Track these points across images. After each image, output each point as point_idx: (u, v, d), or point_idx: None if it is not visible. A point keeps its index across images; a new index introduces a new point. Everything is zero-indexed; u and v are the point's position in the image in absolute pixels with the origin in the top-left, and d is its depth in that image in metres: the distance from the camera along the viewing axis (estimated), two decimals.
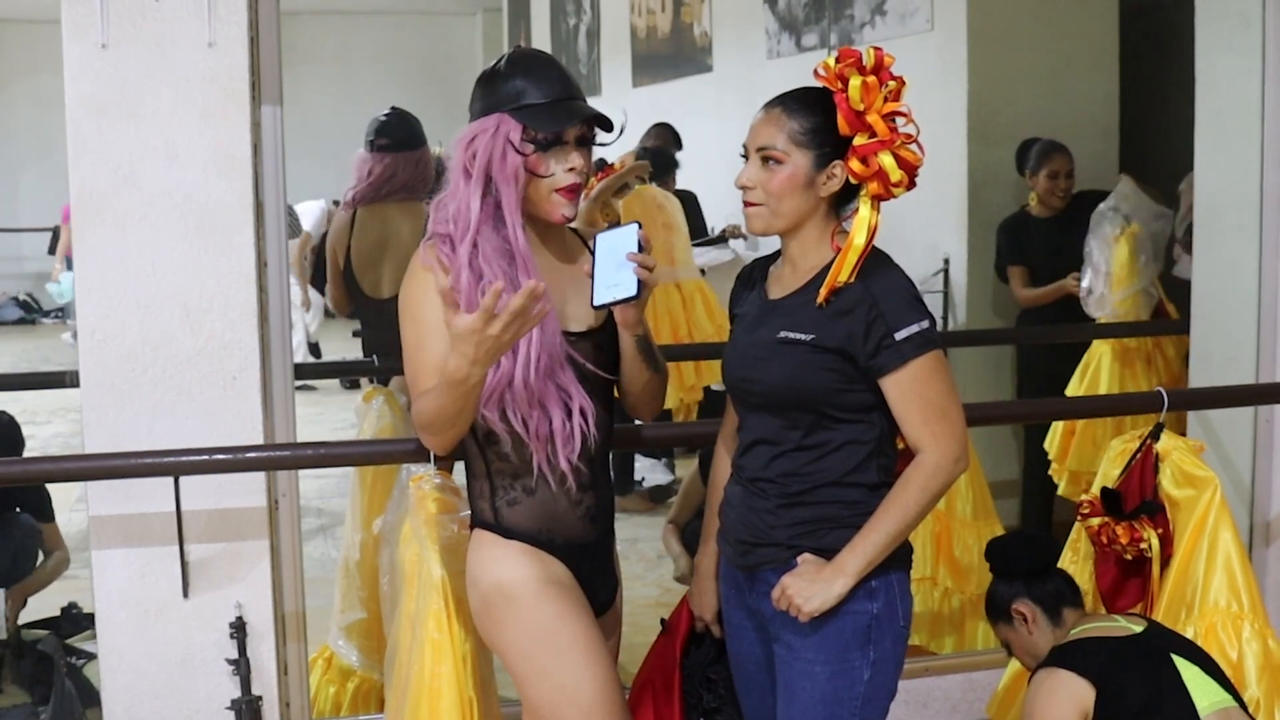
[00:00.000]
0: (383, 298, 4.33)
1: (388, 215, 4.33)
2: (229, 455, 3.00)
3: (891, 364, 2.41)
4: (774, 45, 7.36)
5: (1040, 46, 5.78)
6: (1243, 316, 4.00)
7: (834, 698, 2.49)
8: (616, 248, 2.43)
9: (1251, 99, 3.92)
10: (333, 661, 4.14)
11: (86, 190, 3.05)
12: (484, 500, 2.60)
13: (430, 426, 2.47)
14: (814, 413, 2.48)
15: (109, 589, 3.15)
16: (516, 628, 2.53)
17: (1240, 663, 3.22)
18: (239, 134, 3.10)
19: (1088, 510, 3.36)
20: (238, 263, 3.11)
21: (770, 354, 2.50)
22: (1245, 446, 4.01)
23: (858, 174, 2.43)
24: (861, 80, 2.41)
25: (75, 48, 3.02)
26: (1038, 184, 5.48)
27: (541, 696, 2.53)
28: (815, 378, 2.45)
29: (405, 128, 4.47)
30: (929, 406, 2.43)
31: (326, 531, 6.04)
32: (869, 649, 2.49)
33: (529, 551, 2.55)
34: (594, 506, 2.61)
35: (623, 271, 2.40)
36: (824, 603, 2.42)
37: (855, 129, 2.43)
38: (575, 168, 2.47)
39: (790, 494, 2.51)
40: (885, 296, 2.42)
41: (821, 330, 2.45)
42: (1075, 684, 2.85)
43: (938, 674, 3.93)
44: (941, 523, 4.45)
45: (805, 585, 2.43)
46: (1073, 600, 3.11)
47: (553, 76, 2.50)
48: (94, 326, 3.07)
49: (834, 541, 2.48)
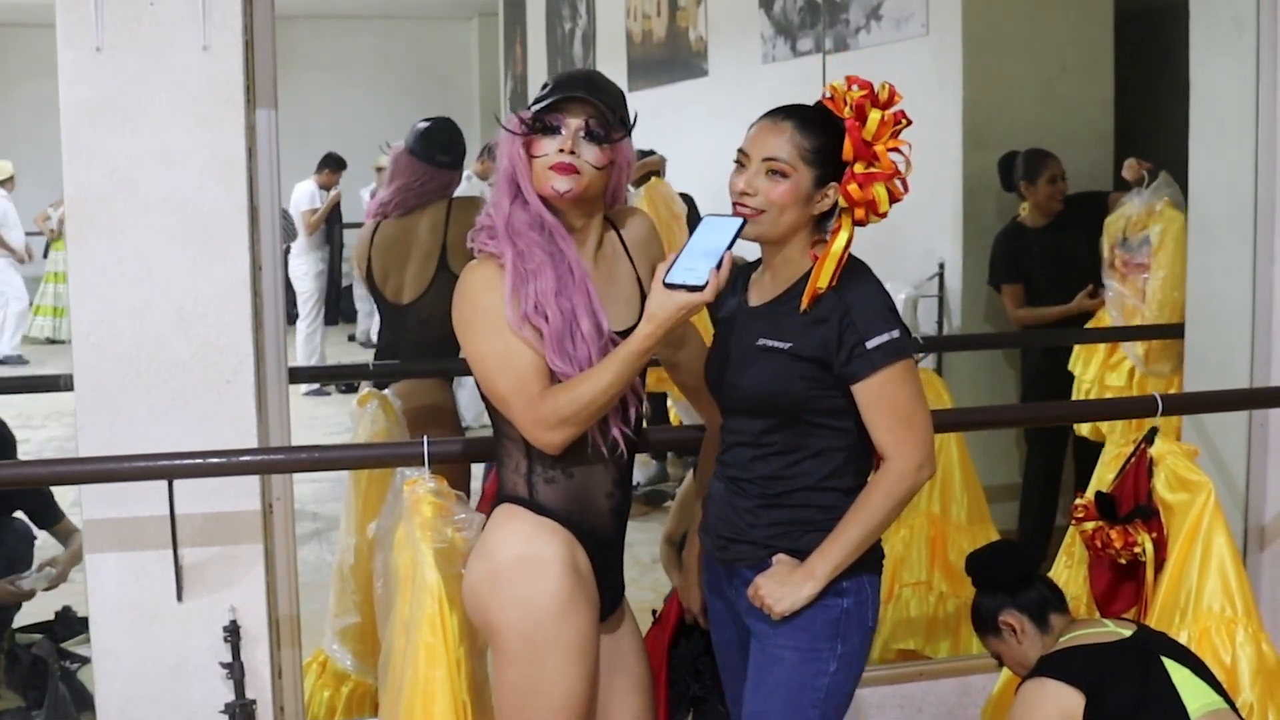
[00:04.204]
0: (403, 303, 4.32)
1: (410, 222, 4.30)
2: (223, 459, 3.00)
3: (862, 372, 2.51)
4: (769, 50, 7.36)
5: (1035, 51, 5.79)
6: (1237, 320, 4.00)
7: (798, 684, 2.58)
8: (712, 235, 2.43)
9: (1245, 103, 3.93)
10: (327, 666, 4.13)
11: (81, 194, 3.05)
12: (519, 475, 2.61)
13: (582, 414, 2.48)
14: (792, 418, 2.57)
15: (103, 593, 3.15)
16: (525, 606, 2.53)
17: (1234, 667, 3.21)
18: (234, 138, 3.10)
19: (1082, 514, 3.36)
20: (232, 267, 3.11)
21: (750, 360, 2.59)
22: (1239, 451, 4.01)
23: (851, 198, 2.53)
24: (881, 115, 2.52)
25: (70, 52, 3.01)
26: (1037, 192, 5.46)
27: (518, 682, 2.55)
28: (793, 385, 2.54)
29: (461, 144, 4.41)
30: (895, 414, 2.52)
31: (321, 535, 6.03)
32: (837, 642, 2.59)
33: (560, 531, 2.58)
34: (621, 503, 2.67)
35: (705, 260, 2.39)
36: (793, 604, 2.54)
37: (859, 157, 2.53)
38: (565, 148, 2.52)
39: (769, 495, 2.60)
40: (857, 306, 2.51)
41: (798, 339, 2.54)
42: (1063, 693, 2.84)
43: (932, 678, 3.93)
44: (936, 527, 4.46)
45: (776, 586, 2.55)
46: (1059, 606, 3.10)
47: (575, 76, 2.65)
48: (88, 330, 3.07)
49: (809, 544, 2.57)
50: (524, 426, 2.52)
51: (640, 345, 2.43)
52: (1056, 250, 5.42)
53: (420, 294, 4.26)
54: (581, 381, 2.47)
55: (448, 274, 4.19)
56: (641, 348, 2.44)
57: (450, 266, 4.19)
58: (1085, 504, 3.37)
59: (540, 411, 2.48)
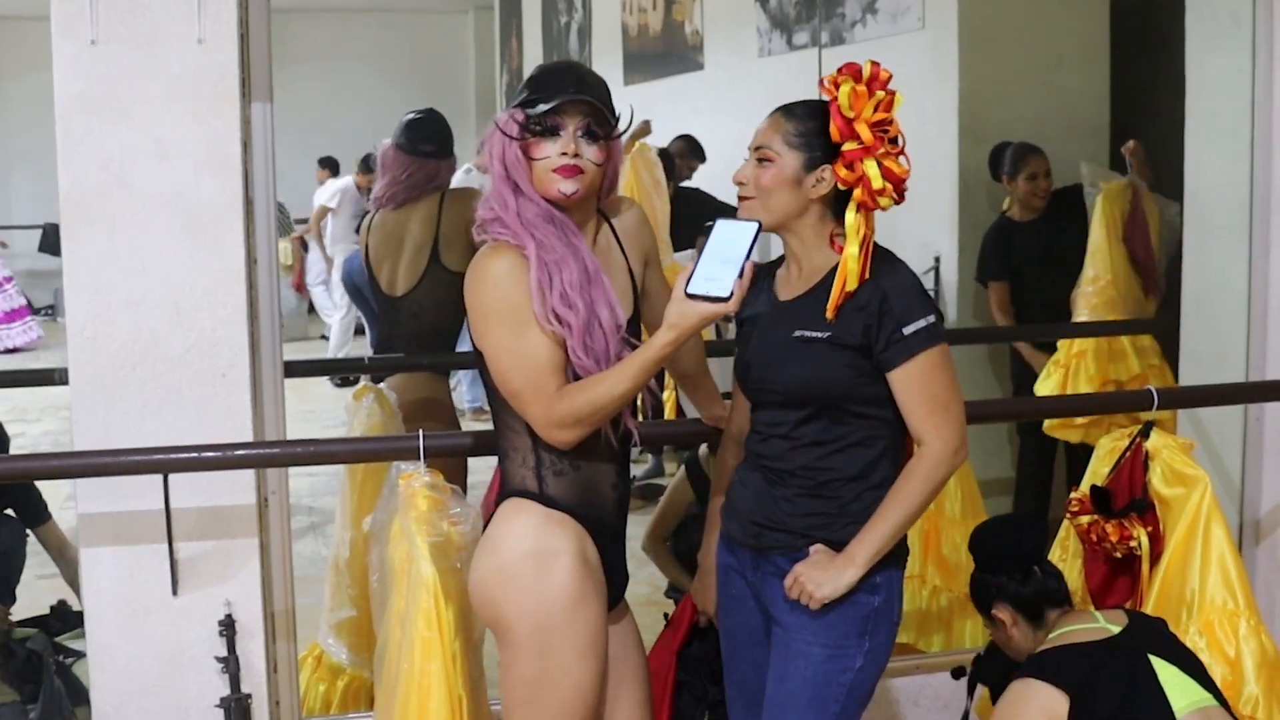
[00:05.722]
0: (397, 295, 4.31)
1: (404, 214, 4.30)
2: (218, 453, 3.00)
3: (899, 358, 2.52)
4: (765, 44, 7.35)
5: (1031, 45, 5.78)
6: (1232, 314, 4.00)
7: (824, 680, 2.60)
8: (729, 244, 2.41)
9: (1241, 98, 3.92)
10: (322, 659, 4.13)
11: (76, 188, 3.05)
12: (526, 469, 2.61)
13: (597, 415, 2.50)
14: (832, 408, 2.58)
15: (98, 587, 3.15)
16: (538, 599, 2.53)
17: (1238, 660, 3.22)
18: (229, 131, 3.09)
19: (1077, 508, 3.36)
20: (228, 260, 3.11)
21: (788, 354, 2.60)
22: (1235, 445, 4.01)
23: (844, 179, 2.54)
24: (851, 88, 2.52)
25: (65, 45, 3.01)
26: (1017, 188, 5.47)
27: (529, 675, 2.55)
28: (833, 373, 2.56)
29: (449, 134, 4.40)
30: (933, 400, 2.54)
31: (317, 529, 6.02)
32: (865, 639, 2.61)
33: (570, 524, 2.58)
34: (624, 494, 2.69)
35: (726, 268, 2.38)
36: (834, 590, 2.55)
37: (844, 136, 2.53)
38: (567, 151, 2.52)
39: (809, 486, 2.61)
40: (895, 292, 2.53)
41: (837, 327, 2.55)
42: (1047, 695, 2.83)
43: (928, 672, 3.93)
44: (930, 521, 4.46)
45: (818, 574, 2.56)
46: (1056, 598, 3.07)
47: (561, 70, 2.62)
48: (84, 324, 3.07)
49: (846, 535, 2.59)
50: (538, 424, 2.51)
51: (659, 354, 2.44)
52: (1044, 245, 5.42)
53: (412, 287, 4.26)
54: (598, 384, 2.47)
55: (439, 268, 4.19)
56: (660, 355, 2.44)
57: (442, 260, 4.19)
58: (1081, 498, 3.37)
59: (556, 411, 2.48)
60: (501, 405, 2.60)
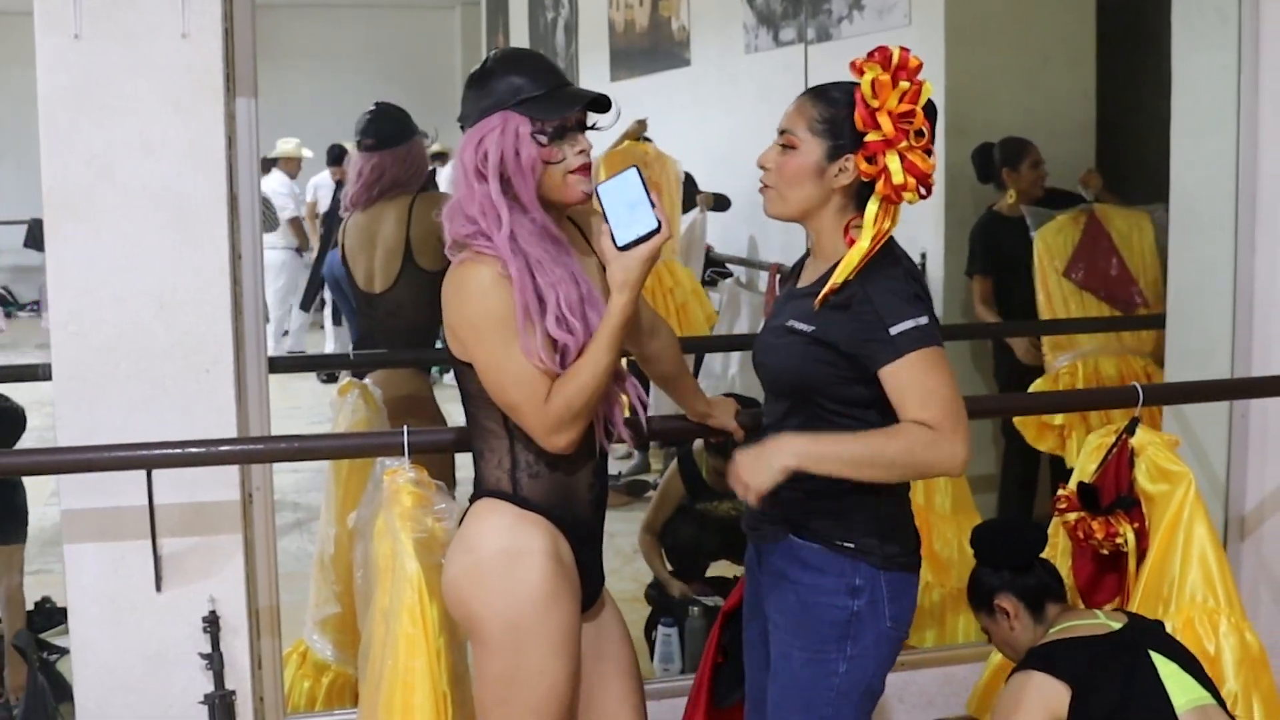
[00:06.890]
0: (374, 291, 4.30)
1: (377, 211, 4.28)
2: (202, 449, 2.98)
3: (886, 356, 2.41)
4: (752, 40, 7.35)
5: (1018, 43, 5.78)
6: (1218, 311, 4.01)
7: (810, 684, 2.57)
8: (621, 193, 2.39)
9: (1228, 95, 3.93)
10: (307, 656, 4.13)
11: (60, 183, 3.03)
12: (501, 470, 2.58)
13: (590, 402, 2.45)
14: (809, 402, 2.53)
15: (81, 583, 3.14)
16: (509, 597, 2.51)
17: (1218, 656, 3.22)
18: (213, 126, 3.08)
19: (1064, 505, 3.37)
20: (212, 255, 3.10)
21: (779, 341, 2.57)
22: (1220, 441, 4.02)
23: (865, 172, 2.44)
24: (875, 76, 2.42)
25: (48, 39, 3.00)
26: (1021, 178, 5.45)
27: (501, 673, 2.53)
28: (807, 368, 2.50)
29: (390, 123, 4.36)
30: (931, 394, 2.39)
31: (301, 526, 6.01)
32: (846, 644, 2.55)
33: (544, 524, 2.56)
34: (601, 494, 2.66)
35: (636, 211, 2.37)
36: (769, 475, 2.38)
37: (868, 125, 2.43)
38: (585, 149, 2.49)
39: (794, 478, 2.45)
40: (880, 294, 2.43)
41: (820, 323, 2.48)
42: (1050, 687, 2.84)
43: (914, 668, 3.94)
44: (921, 517, 4.43)
45: (750, 460, 2.41)
46: (1056, 593, 3.10)
47: (543, 68, 2.53)
48: (67, 320, 3.06)
49: (820, 526, 2.55)
50: (537, 433, 2.47)
51: (622, 316, 2.40)
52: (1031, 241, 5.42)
53: (389, 286, 4.24)
54: (579, 370, 2.44)
55: (414, 268, 4.18)
56: (624, 317, 2.40)
57: (416, 261, 4.17)
58: (1068, 495, 3.37)
59: (551, 414, 2.44)
60: (478, 408, 2.58)
